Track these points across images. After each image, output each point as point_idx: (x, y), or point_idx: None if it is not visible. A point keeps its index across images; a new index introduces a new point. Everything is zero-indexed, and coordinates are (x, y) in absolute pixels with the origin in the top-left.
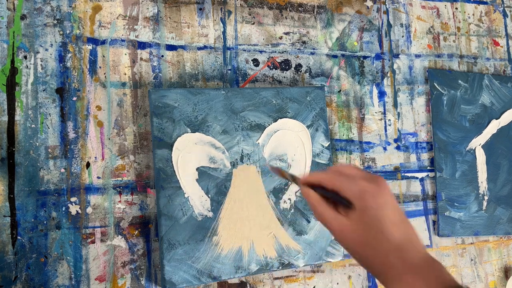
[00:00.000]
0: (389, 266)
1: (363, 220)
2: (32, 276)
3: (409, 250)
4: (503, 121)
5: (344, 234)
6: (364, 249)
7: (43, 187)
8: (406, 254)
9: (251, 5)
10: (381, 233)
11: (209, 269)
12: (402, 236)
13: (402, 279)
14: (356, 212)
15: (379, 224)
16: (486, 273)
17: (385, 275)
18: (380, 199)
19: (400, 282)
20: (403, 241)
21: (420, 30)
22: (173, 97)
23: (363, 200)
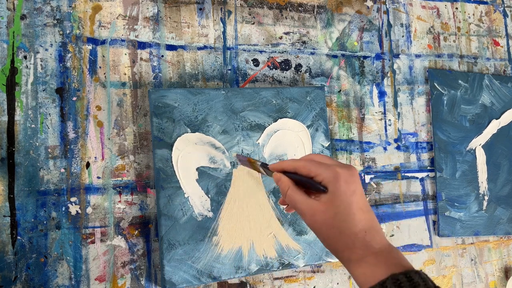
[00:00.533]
0: (353, 248)
1: (334, 203)
2: (32, 276)
3: (373, 236)
4: (503, 121)
5: (314, 217)
6: (331, 231)
7: (43, 187)
8: (370, 239)
9: (251, 5)
10: (349, 217)
11: (209, 269)
12: (367, 223)
13: (364, 260)
14: (327, 196)
15: (349, 208)
16: (486, 273)
17: (348, 257)
18: (351, 185)
19: (362, 263)
20: (368, 227)
21: (420, 30)
22: (173, 97)
23: (336, 185)
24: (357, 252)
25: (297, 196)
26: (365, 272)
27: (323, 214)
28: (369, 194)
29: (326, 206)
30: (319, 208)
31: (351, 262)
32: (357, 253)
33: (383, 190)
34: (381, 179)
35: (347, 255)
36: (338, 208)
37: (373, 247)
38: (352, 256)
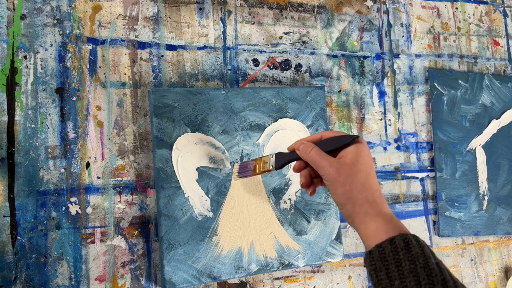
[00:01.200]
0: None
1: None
2: (32, 276)
3: (384, 202)
4: (503, 121)
5: (340, 170)
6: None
7: (43, 187)
8: (383, 203)
9: (251, 5)
10: (370, 176)
11: (209, 269)
12: (379, 189)
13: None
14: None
15: (370, 169)
16: (486, 273)
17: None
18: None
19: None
20: (380, 192)
21: (420, 30)
22: (173, 97)
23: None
24: (375, 207)
25: (322, 154)
26: (378, 227)
27: (349, 168)
28: None
29: (352, 162)
30: (345, 162)
31: (367, 216)
32: (375, 208)
33: (383, 190)
34: (381, 179)
35: (365, 208)
36: (362, 165)
37: (386, 209)
38: (370, 210)
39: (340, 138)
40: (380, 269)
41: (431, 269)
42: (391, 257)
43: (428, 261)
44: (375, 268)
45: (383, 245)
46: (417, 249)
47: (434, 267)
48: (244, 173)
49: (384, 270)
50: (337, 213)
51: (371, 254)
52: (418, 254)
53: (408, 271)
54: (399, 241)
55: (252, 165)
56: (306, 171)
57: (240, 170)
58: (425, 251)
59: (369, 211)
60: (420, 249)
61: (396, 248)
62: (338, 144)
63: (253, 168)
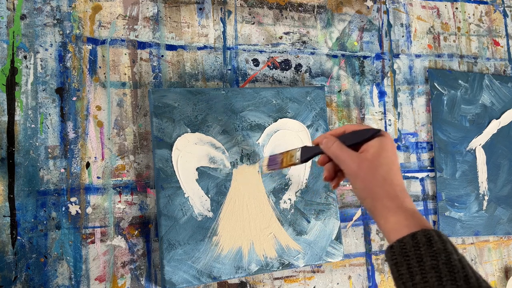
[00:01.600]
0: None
1: (381, 155)
2: (32, 276)
3: (407, 196)
4: (503, 121)
5: (362, 164)
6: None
7: (43, 187)
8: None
9: (251, 5)
10: (392, 171)
11: (209, 269)
12: (403, 183)
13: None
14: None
15: (392, 164)
16: (486, 273)
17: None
18: (394, 148)
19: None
20: (403, 186)
21: (420, 30)
22: (173, 97)
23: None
24: (396, 201)
25: (344, 148)
26: (400, 222)
27: (370, 162)
28: None
29: (373, 156)
30: (367, 157)
31: (388, 210)
32: (396, 202)
33: None
34: None
35: (386, 203)
36: (384, 159)
37: (409, 203)
38: (391, 205)
39: (362, 132)
40: (401, 264)
41: (453, 265)
42: (413, 252)
43: (451, 257)
44: (396, 262)
45: (405, 240)
46: (439, 245)
47: (457, 263)
48: (273, 165)
49: (406, 265)
50: (337, 213)
51: (392, 249)
52: (440, 250)
53: (430, 267)
54: (420, 237)
55: (280, 159)
56: (329, 165)
57: (270, 163)
58: (447, 247)
59: (389, 206)
60: (442, 245)
61: (417, 243)
62: (360, 137)
63: (281, 161)
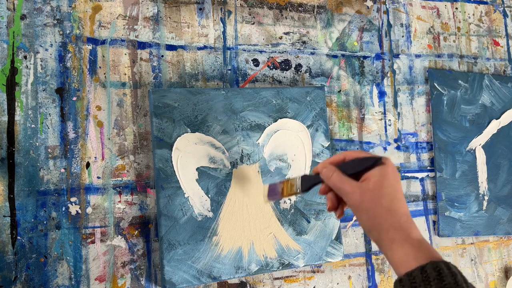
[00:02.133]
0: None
1: (383, 184)
2: (32, 276)
3: (412, 224)
4: (503, 121)
5: (364, 196)
6: (379, 210)
7: (43, 187)
8: (411, 226)
9: (251, 5)
10: (396, 199)
11: (209, 269)
12: (408, 211)
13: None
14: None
15: (395, 192)
16: (486, 273)
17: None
18: (397, 174)
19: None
20: (408, 214)
21: (420, 30)
22: (173, 97)
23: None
24: (401, 233)
25: (344, 178)
26: (407, 254)
27: (372, 193)
28: None
29: (375, 186)
30: (368, 187)
31: (394, 243)
32: (402, 234)
33: None
34: None
35: (392, 235)
36: (386, 189)
37: (415, 234)
38: (397, 237)
39: (363, 160)
40: None
41: None
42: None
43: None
44: None
45: (414, 273)
46: (449, 279)
47: None
48: (273, 196)
49: None
50: None
51: (402, 283)
52: (450, 284)
53: None
54: (430, 270)
55: (280, 188)
56: (331, 194)
57: (270, 193)
58: (458, 280)
59: (395, 238)
60: (453, 279)
61: (427, 277)
62: (360, 166)
63: (281, 191)
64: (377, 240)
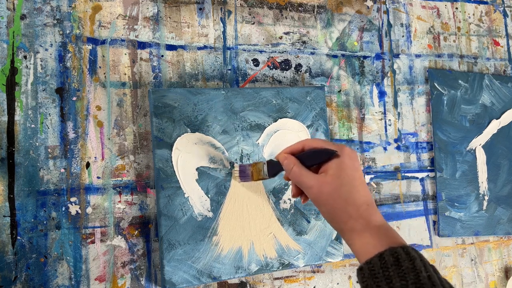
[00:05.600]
0: (357, 219)
1: (340, 176)
2: (32, 276)
3: (374, 211)
4: (504, 121)
5: (321, 188)
6: (337, 202)
7: (43, 187)
8: (372, 213)
9: (251, 5)
10: (354, 189)
11: (209, 269)
12: (368, 198)
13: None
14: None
15: (353, 181)
16: (486, 273)
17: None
18: (355, 161)
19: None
20: (369, 202)
21: (420, 30)
22: (173, 97)
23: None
24: (360, 222)
25: (303, 171)
26: (367, 242)
27: (329, 185)
28: None
29: (332, 178)
30: (326, 180)
31: (353, 232)
32: (361, 223)
33: (383, 190)
34: (381, 179)
35: (351, 225)
36: (343, 180)
37: (375, 221)
38: (356, 226)
39: (319, 153)
40: (371, 286)
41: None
42: (381, 274)
43: (419, 275)
44: (366, 285)
45: (373, 261)
46: (407, 264)
47: (426, 281)
48: (244, 177)
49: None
50: None
51: (362, 271)
52: (408, 269)
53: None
54: (388, 257)
55: (250, 171)
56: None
57: (241, 174)
58: (416, 265)
59: (355, 227)
60: (411, 263)
61: (385, 264)
62: (318, 159)
63: (251, 174)
64: (339, 230)
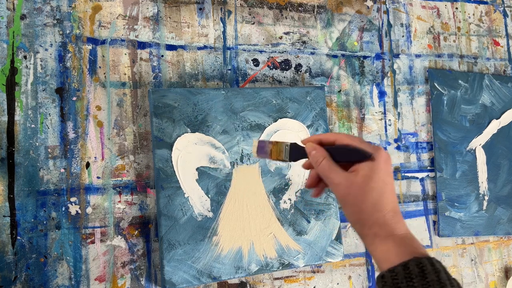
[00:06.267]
0: (383, 225)
1: (372, 179)
2: (32, 276)
3: (399, 219)
4: (504, 121)
5: (350, 189)
6: (365, 205)
7: (43, 187)
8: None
9: (251, 5)
10: (384, 195)
11: (209, 269)
12: (396, 206)
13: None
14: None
15: (384, 187)
16: (486, 273)
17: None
18: (389, 167)
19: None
20: (396, 210)
21: (420, 30)
22: (173, 97)
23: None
24: (385, 229)
25: (333, 166)
26: (389, 250)
27: (359, 187)
28: None
29: (363, 180)
30: (356, 181)
31: (377, 238)
32: (386, 230)
33: None
34: None
35: (375, 231)
36: (376, 184)
37: (399, 229)
38: (380, 232)
39: (354, 152)
40: None
41: None
42: (404, 284)
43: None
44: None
45: (396, 270)
46: (432, 276)
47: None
48: (262, 154)
49: None
50: (337, 213)
51: (384, 279)
52: (433, 282)
53: None
54: (413, 267)
55: (269, 148)
56: (314, 172)
57: (259, 150)
58: (441, 277)
59: (378, 233)
60: (436, 276)
61: (409, 274)
62: (351, 157)
63: (270, 152)
64: (361, 234)
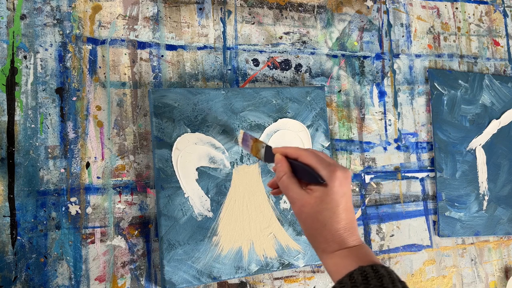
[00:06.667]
0: (331, 242)
1: (324, 200)
2: (32, 276)
3: (350, 234)
4: (504, 121)
5: (303, 208)
6: (315, 224)
7: (43, 187)
8: (347, 236)
9: (251, 5)
10: (335, 215)
11: (209, 269)
12: (348, 223)
13: (337, 253)
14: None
15: (336, 208)
16: (486, 273)
17: (324, 248)
18: (344, 187)
19: (335, 255)
20: (348, 227)
21: (420, 30)
22: (173, 97)
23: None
24: (333, 245)
25: (291, 184)
26: (336, 263)
27: (311, 207)
28: (369, 194)
29: (316, 201)
30: (309, 201)
31: (325, 253)
32: (333, 246)
33: (383, 190)
34: (381, 179)
35: (323, 247)
36: (327, 205)
37: (348, 243)
38: (328, 248)
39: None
40: None
41: None
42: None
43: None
44: None
45: (343, 281)
46: (375, 282)
47: None
48: (245, 146)
49: None
50: None
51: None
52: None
53: None
54: (357, 276)
55: (250, 144)
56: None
57: (243, 142)
58: (384, 282)
59: (326, 249)
60: (379, 281)
61: (355, 283)
62: (306, 178)
63: (251, 147)
64: (313, 247)
